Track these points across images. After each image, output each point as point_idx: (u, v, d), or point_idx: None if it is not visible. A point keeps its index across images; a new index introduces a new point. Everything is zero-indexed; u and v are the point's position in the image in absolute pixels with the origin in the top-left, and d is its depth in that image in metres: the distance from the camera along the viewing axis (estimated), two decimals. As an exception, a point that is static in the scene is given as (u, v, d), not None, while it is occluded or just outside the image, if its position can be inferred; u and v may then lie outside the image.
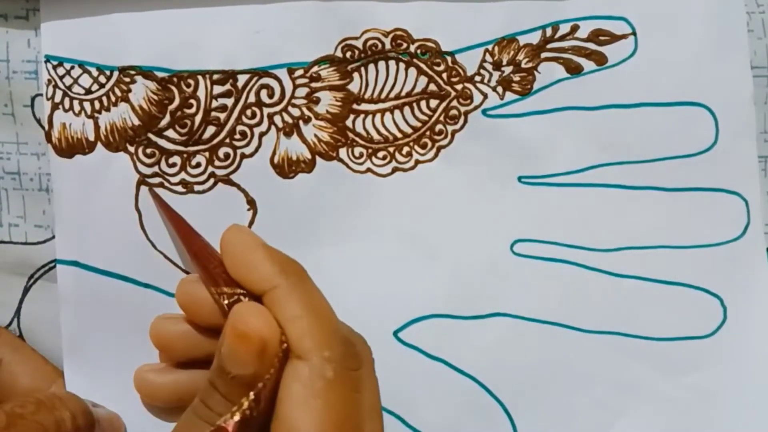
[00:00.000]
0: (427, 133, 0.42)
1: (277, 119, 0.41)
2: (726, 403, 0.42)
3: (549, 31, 0.42)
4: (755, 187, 0.42)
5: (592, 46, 0.42)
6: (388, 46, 0.41)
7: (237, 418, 0.31)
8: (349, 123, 0.41)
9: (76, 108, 0.40)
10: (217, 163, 0.41)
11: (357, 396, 0.33)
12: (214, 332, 0.36)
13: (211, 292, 0.36)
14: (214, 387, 0.33)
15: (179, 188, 0.41)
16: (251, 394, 0.31)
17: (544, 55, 0.42)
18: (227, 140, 0.41)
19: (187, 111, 0.40)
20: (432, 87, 0.42)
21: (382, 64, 0.41)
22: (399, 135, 0.42)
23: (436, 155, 0.42)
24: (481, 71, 0.42)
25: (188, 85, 0.40)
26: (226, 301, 0.35)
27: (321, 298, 0.35)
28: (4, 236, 0.41)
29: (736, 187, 0.42)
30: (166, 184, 0.41)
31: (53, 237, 0.41)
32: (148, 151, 0.40)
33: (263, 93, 0.41)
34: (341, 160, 0.41)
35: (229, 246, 0.36)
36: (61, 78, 0.40)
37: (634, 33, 0.42)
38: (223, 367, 0.32)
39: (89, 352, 0.41)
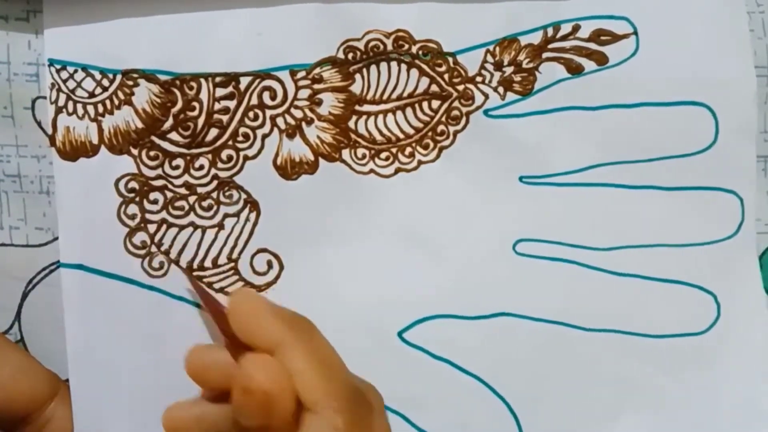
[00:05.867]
0: (429, 133, 0.42)
1: (280, 121, 0.41)
2: (720, 398, 0.43)
3: (550, 31, 0.42)
4: (752, 186, 0.43)
5: (593, 46, 0.42)
6: (389, 47, 0.41)
7: None
8: (351, 124, 0.41)
9: (80, 111, 0.40)
10: (220, 165, 0.41)
11: None
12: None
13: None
14: None
15: (182, 190, 0.41)
16: None
17: (545, 55, 0.42)
18: (230, 142, 0.41)
19: (190, 114, 0.40)
20: (434, 88, 0.42)
21: (383, 65, 0.41)
22: (401, 136, 0.42)
23: (438, 156, 0.42)
24: (483, 72, 0.42)
25: (191, 88, 0.40)
26: None
27: (328, 350, 0.35)
28: (5, 239, 0.41)
29: (732, 186, 0.42)
30: (170, 186, 0.41)
31: (54, 239, 0.41)
32: (152, 153, 0.40)
33: (266, 95, 0.41)
34: (344, 161, 0.41)
35: (236, 309, 0.36)
36: (64, 81, 0.40)
37: (635, 33, 0.42)
38: (236, 417, 0.33)
39: (95, 356, 0.41)
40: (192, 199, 0.41)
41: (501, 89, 0.42)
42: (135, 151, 0.40)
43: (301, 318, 0.36)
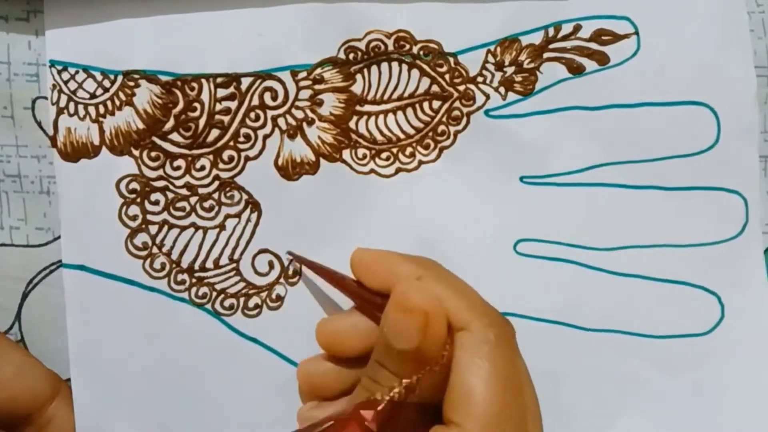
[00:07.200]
0: (430, 133, 0.42)
1: (281, 122, 0.41)
2: (724, 400, 0.43)
3: (551, 31, 0.42)
4: (755, 186, 0.42)
5: (594, 45, 0.42)
6: (390, 48, 0.41)
7: (385, 402, 0.32)
8: (352, 124, 0.41)
9: (81, 112, 0.40)
10: (221, 165, 0.41)
11: (516, 359, 0.35)
12: (358, 361, 0.37)
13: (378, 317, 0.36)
14: (381, 364, 0.34)
15: (184, 191, 0.41)
16: (403, 383, 0.33)
17: (546, 55, 0.42)
18: (231, 143, 0.41)
19: (191, 114, 0.40)
20: (434, 88, 0.42)
21: (384, 65, 0.41)
22: (402, 136, 0.42)
23: (438, 156, 0.42)
24: (484, 72, 0.42)
25: (192, 89, 0.40)
26: None
27: (461, 280, 0.37)
28: (5, 239, 0.41)
29: (736, 186, 0.42)
30: (171, 187, 0.41)
31: (54, 239, 0.41)
32: (153, 154, 0.40)
33: (267, 96, 0.41)
34: (345, 162, 0.41)
35: (363, 262, 0.39)
36: (65, 83, 0.40)
37: (636, 33, 0.42)
38: (389, 343, 0.33)
39: (96, 356, 0.41)
40: (193, 199, 0.41)
41: (502, 89, 0.42)
42: (136, 152, 0.40)
43: (425, 258, 0.38)
